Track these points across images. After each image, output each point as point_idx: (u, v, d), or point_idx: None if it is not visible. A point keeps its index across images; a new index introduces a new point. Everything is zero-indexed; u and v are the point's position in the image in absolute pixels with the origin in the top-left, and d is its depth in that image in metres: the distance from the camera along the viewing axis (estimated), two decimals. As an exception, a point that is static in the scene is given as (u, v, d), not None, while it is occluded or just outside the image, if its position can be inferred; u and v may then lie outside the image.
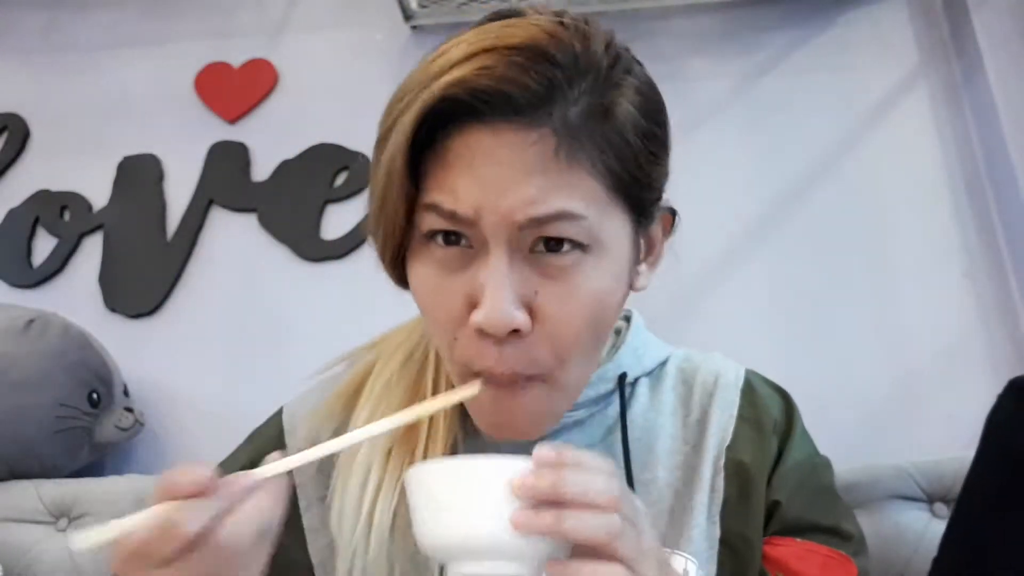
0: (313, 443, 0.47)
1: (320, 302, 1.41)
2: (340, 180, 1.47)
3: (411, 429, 0.54)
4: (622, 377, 0.58)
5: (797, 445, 0.59)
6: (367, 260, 1.41)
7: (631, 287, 0.51)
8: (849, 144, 1.44)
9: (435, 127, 0.44)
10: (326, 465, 0.57)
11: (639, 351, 0.61)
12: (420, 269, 0.48)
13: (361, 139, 1.47)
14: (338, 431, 0.54)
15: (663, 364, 0.62)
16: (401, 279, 0.52)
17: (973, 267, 1.37)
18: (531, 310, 0.45)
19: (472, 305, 0.45)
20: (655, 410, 0.59)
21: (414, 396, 0.55)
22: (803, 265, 1.38)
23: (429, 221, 0.46)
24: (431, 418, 0.54)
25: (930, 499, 1.07)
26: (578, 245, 0.45)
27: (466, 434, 0.55)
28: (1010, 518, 0.56)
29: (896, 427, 1.28)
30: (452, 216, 0.44)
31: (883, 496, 1.07)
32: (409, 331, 0.60)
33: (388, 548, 0.52)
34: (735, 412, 0.58)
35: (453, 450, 0.55)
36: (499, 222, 0.43)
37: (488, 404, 0.47)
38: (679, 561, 0.53)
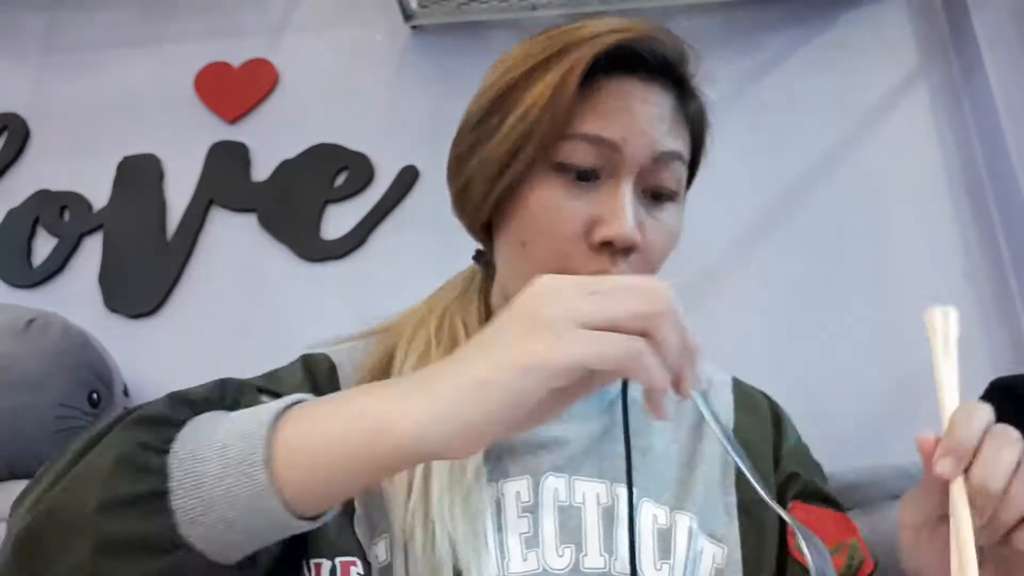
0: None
1: (320, 302, 1.41)
2: (340, 180, 1.47)
3: None
4: None
5: (790, 428, 0.68)
6: (367, 260, 1.43)
7: None
8: (849, 144, 1.44)
9: (590, 72, 0.53)
10: None
11: None
12: (541, 192, 0.54)
13: (361, 139, 1.47)
14: None
15: None
16: (478, 222, 0.60)
17: (973, 267, 1.37)
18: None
19: (591, 227, 0.53)
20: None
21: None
22: (803, 265, 1.38)
23: (569, 150, 0.53)
24: None
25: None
26: (673, 195, 0.56)
27: None
28: None
29: (896, 427, 1.28)
30: (599, 141, 0.53)
31: (883, 496, 1.07)
32: (423, 316, 0.65)
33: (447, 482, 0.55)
34: (731, 401, 0.67)
35: None
36: (642, 148, 0.53)
37: None
38: (683, 518, 0.59)
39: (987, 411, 0.42)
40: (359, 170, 1.46)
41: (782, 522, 0.60)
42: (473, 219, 0.60)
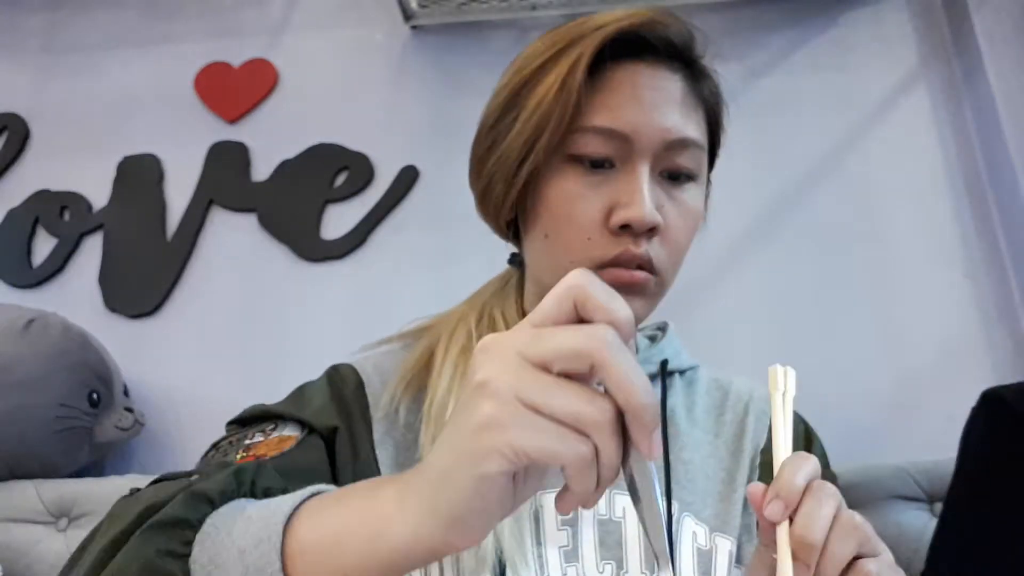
0: (392, 402, 0.59)
1: (320, 302, 1.41)
2: (340, 180, 1.47)
3: None
4: (664, 363, 0.66)
5: (818, 450, 0.67)
6: (367, 260, 1.43)
7: None
8: (849, 144, 1.44)
9: (598, 61, 0.54)
10: (412, 402, 0.60)
11: (677, 351, 0.68)
12: (561, 184, 0.55)
13: (361, 139, 1.47)
14: (417, 395, 0.60)
15: (694, 369, 0.69)
16: (503, 221, 0.61)
17: (973, 267, 1.37)
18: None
19: (610, 212, 0.54)
20: (690, 403, 0.66)
21: None
22: (803, 265, 1.38)
23: (582, 142, 0.54)
24: None
25: (930, 499, 1.07)
26: (691, 177, 0.57)
27: None
28: (992, 530, 0.58)
29: (896, 427, 1.28)
30: (609, 133, 0.54)
31: (883, 496, 1.07)
32: (463, 313, 0.65)
33: None
34: (768, 421, 0.65)
35: None
36: (653, 136, 0.54)
37: None
38: (724, 543, 0.58)
39: (813, 463, 0.44)
40: (359, 170, 1.46)
41: None
42: (497, 218, 0.61)
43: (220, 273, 1.44)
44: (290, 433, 0.57)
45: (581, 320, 0.35)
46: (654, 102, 0.55)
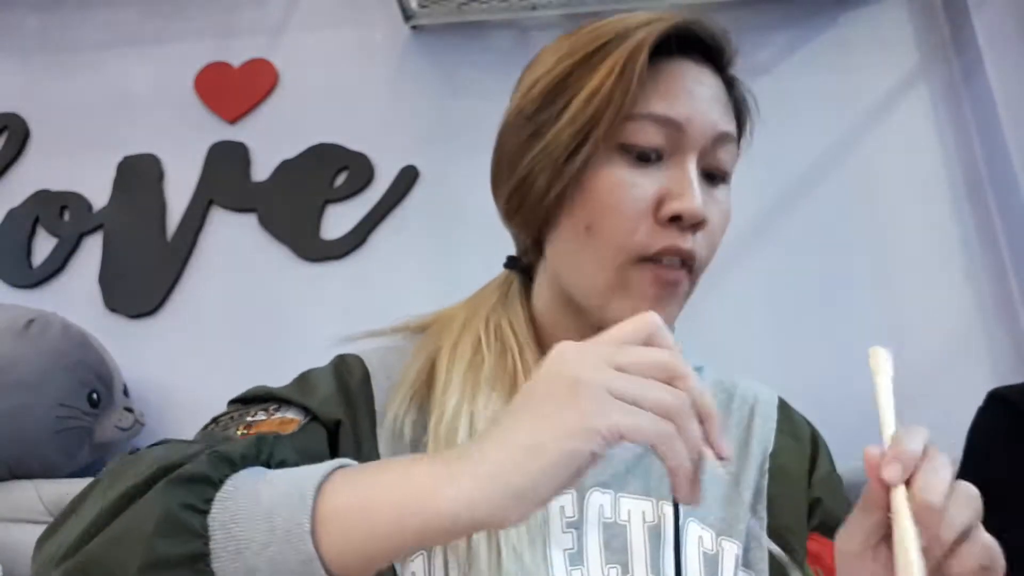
0: (396, 421, 0.57)
1: (320, 302, 1.41)
2: (340, 180, 1.47)
3: (503, 378, 0.59)
4: None
5: (826, 456, 0.67)
6: (367, 260, 1.43)
7: None
8: (850, 144, 1.44)
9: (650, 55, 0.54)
10: (419, 413, 0.59)
11: (684, 353, 0.66)
12: (607, 173, 0.55)
13: (361, 139, 1.47)
14: (421, 411, 0.59)
15: (700, 371, 0.69)
16: (538, 219, 0.59)
17: (973, 267, 1.37)
18: None
19: (659, 203, 0.54)
20: None
21: (504, 370, 0.59)
22: (803, 265, 1.38)
23: (634, 130, 0.54)
24: (520, 358, 0.60)
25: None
26: (727, 176, 0.59)
27: None
28: (997, 529, 0.58)
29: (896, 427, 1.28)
30: (665, 121, 0.54)
31: (883, 496, 1.07)
32: (465, 320, 0.63)
33: None
34: (774, 425, 0.66)
35: None
36: (704, 127, 0.55)
37: (648, 302, 0.55)
38: (731, 547, 0.58)
39: (925, 433, 0.46)
40: (359, 170, 1.46)
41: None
42: (533, 215, 0.59)
43: (220, 273, 1.44)
44: (293, 416, 0.56)
45: None
46: (705, 96, 0.56)
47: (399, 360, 0.63)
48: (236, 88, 1.52)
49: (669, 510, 0.57)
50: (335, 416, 0.57)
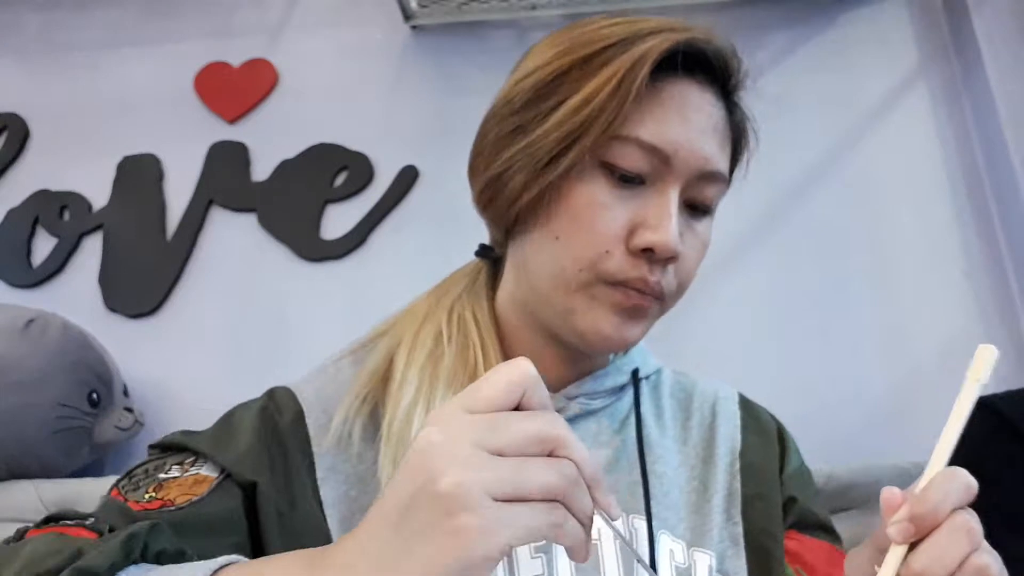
0: (345, 423, 0.54)
1: (320, 302, 1.41)
2: (340, 180, 1.47)
3: (462, 374, 0.56)
4: (635, 372, 0.63)
5: (794, 450, 0.66)
6: (367, 260, 1.43)
7: None
8: (849, 144, 1.44)
9: (653, 70, 0.50)
10: (365, 432, 0.55)
11: (644, 355, 0.66)
12: (585, 188, 0.52)
13: (361, 139, 1.47)
14: (374, 412, 0.55)
15: (659, 372, 0.67)
16: (511, 215, 0.55)
17: (973, 267, 1.37)
18: None
19: (633, 231, 0.51)
20: (658, 410, 0.64)
21: (464, 365, 0.56)
22: (803, 265, 1.38)
23: (619, 152, 0.51)
24: (483, 353, 0.57)
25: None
26: (710, 210, 0.56)
27: None
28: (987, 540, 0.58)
29: (896, 427, 1.28)
30: (651, 149, 0.51)
31: (883, 496, 1.07)
32: (428, 310, 0.61)
33: None
34: (738, 423, 0.64)
35: None
36: (692, 162, 0.52)
37: (613, 321, 0.53)
38: (703, 557, 0.56)
39: (964, 483, 0.40)
40: (359, 170, 1.46)
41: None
42: (506, 212, 0.56)
43: (220, 273, 1.44)
44: (207, 473, 0.52)
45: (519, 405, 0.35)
46: (700, 126, 0.52)
47: (339, 387, 0.59)
48: (236, 88, 1.52)
49: (641, 524, 0.55)
50: (250, 478, 0.52)
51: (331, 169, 1.47)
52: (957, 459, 0.83)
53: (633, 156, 0.51)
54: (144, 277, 1.43)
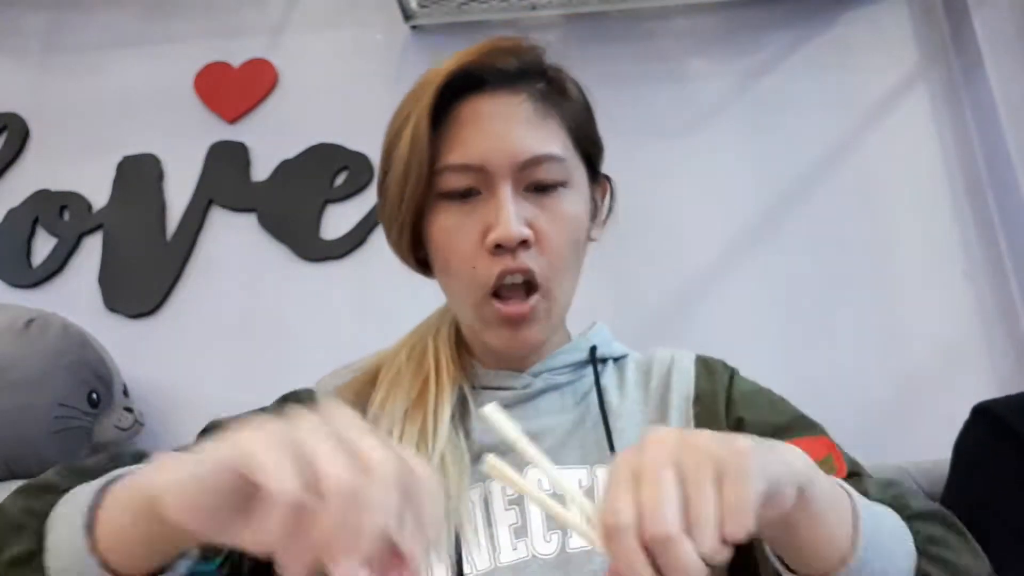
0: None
1: (320, 302, 1.41)
2: (340, 180, 1.47)
3: (423, 393, 0.63)
4: (593, 348, 0.69)
5: (745, 380, 0.69)
6: (367, 260, 1.43)
7: (588, 235, 0.66)
8: (849, 144, 1.44)
9: (446, 103, 0.59)
10: None
11: (607, 340, 0.72)
12: (439, 221, 0.60)
13: (361, 139, 1.47)
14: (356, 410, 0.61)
15: (625, 357, 0.72)
16: (413, 256, 0.65)
17: (973, 267, 1.37)
18: (532, 230, 0.59)
19: (484, 235, 0.58)
20: (621, 382, 0.69)
21: (417, 379, 0.65)
22: (803, 265, 1.38)
23: (444, 180, 0.59)
24: (437, 378, 0.64)
25: (931, 499, 1.07)
26: (560, 183, 0.61)
27: (472, 386, 0.66)
28: (984, 542, 0.58)
29: (896, 427, 1.28)
30: (464, 168, 0.58)
31: (883, 496, 1.07)
32: (413, 333, 0.70)
33: None
34: (693, 376, 0.68)
35: (461, 403, 0.64)
36: (504, 162, 0.58)
37: (505, 334, 0.60)
38: (601, 472, 0.61)
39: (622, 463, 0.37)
40: (359, 170, 1.46)
41: None
42: (407, 257, 0.66)
43: (220, 273, 1.44)
44: None
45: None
46: (499, 130, 0.59)
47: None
48: (236, 88, 1.52)
49: (601, 472, 0.60)
50: None
51: (331, 169, 1.47)
52: (958, 466, 0.83)
53: (456, 178, 0.59)
54: (144, 277, 1.43)
